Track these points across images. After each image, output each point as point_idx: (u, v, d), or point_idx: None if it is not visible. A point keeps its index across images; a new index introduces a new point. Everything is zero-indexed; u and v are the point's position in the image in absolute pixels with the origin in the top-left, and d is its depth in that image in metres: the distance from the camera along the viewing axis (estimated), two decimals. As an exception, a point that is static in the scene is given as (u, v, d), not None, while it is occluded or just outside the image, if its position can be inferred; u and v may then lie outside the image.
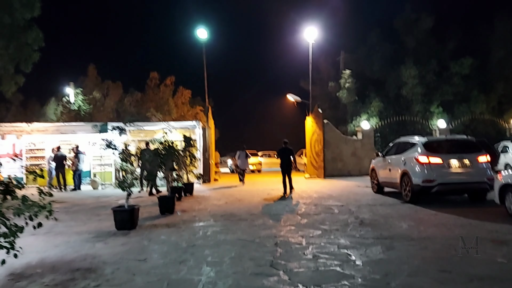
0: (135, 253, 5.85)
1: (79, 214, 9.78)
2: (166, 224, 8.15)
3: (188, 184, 13.66)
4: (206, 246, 6.17)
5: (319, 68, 28.20)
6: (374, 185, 13.43)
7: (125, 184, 7.44)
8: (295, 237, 6.67)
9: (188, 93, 28.54)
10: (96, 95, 24.95)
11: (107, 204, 11.72)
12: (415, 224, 7.79)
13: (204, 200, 12.30)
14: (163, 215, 9.29)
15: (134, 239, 6.81)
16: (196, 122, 17.96)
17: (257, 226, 7.78)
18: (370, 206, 10.19)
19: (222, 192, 14.52)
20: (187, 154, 12.55)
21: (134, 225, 7.66)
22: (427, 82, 24.81)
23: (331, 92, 27.24)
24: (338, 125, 24.43)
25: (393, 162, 11.82)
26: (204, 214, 9.41)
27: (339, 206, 10.26)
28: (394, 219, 8.30)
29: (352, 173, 21.57)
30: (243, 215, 9.07)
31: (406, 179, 10.71)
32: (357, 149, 22.19)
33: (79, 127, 17.15)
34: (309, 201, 11.50)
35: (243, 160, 18.65)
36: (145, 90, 27.55)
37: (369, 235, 6.80)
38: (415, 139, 11.23)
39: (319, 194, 13.24)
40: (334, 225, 7.68)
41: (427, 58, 25.01)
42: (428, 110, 24.86)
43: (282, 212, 9.47)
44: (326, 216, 8.73)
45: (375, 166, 13.32)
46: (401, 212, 9.22)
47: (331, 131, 21.58)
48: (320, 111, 20.68)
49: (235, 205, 10.93)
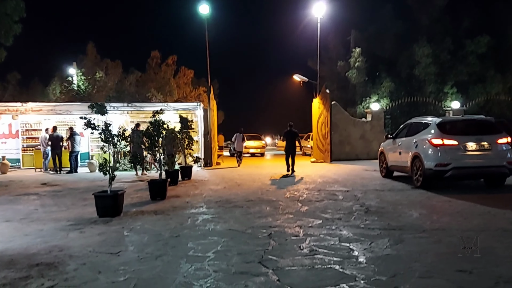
0: (109, 245, 5.20)
1: (65, 199, 9.18)
2: (154, 210, 7.49)
3: (186, 167, 13.02)
4: (191, 238, 5.50)
5: (328, 47, 27.09)
6: (382, 169, 12.64)
7: (107, 168, 6.76)
8: (292, 227, 5.96)
9: (190, 73, 27.60)
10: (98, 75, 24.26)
11: (100, 187, 11.13)
12: (427, 212, 7.03)
13: (201, 184, 11.64)
14: (154, 200, 8.65)
15: (114, 228, 6.17)
16: (197, 103, 17.21)
17: (252, 214, 7.08)
18: (377, 192, 9.43)
19: (222, 176, 13.85)
20: (183, 136, 11.89)
21: (118, 212, 7.02)
22: (441, 61, 23.61)
23: (340, 72, 26.17)
24: (346, 107, 23.52)
25: (404, 144, 10.99)
26: (198, 200, 8.75)
27: (344, 192, 9.52)
28: (403, 206, 7.55)
29: (360, 156, 20.75)
30: (239, 202, 8.38)
31: (418, 163, 9.91)
32: (366, 131, 21.31)
33: (74, 107, 16.48)
34: (312, 186, 10.77)
35: (240, 143, 19.20)
36: (146, 70, 26.76)
37: (375, 225, 6.06)
38: (429, 120, 10.37)
39: (324, 178, 12.49)
40: (337, 214, 6.95)
41: (441, 36, 23.74)
42: (441, 91, 23.75)
43: (282, 198, 8.76)
44: (329, 203, 8.00)
45: (384, 149, 12.50)
46: (411, 198, 8.46)
47: (339, 113, 20.69)
48: (328, 92, 19.74)
49: (233, 190, 10.25)
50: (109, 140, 6.93)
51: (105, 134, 6.89)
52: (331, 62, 26.82)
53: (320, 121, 20.66)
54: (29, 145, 17.83)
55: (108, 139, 6.90)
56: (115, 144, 7.09)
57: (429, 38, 23.61)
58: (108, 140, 6.92)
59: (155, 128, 8.56)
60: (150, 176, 12.03)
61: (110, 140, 6.94)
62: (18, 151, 17.97)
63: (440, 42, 23.71)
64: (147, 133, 8.58)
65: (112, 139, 7.00)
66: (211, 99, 18.76)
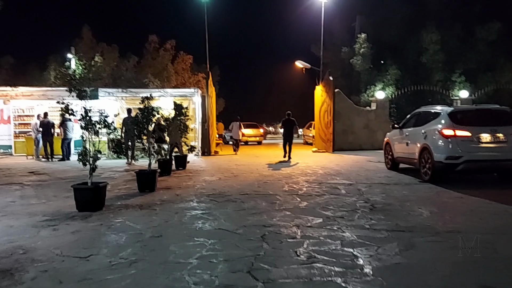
0: (81, 246, 4.60)
1: (49, 189, 8.59)
2: (140, 204, 6.89)
3: (180, 157, 12.40)
4: (175, 238, 4.89)
5: (332, 32, 26.11)
6: (388, 160, 11.99)
7: (87, 158, 6.14)
8: (288, 227, 5.34)
9: (189, 59, 26.71)
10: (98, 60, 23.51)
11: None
12: (438, 210, 6.40)
13: (196, 175, 11.03)
14: (142, 193, 8.04)
15: (92, 225, 5.56)
16: (194, 90, 16.51)
17: (245, 210, 6.47)
18: (383, 186, 8.80)
19: (218, 166, 13.23)
20: (177, 123, 11.25)
21: (100, 206, 6.42)
22: (449, 48, 22.70)
23: (344, 59, 25.28)
24: (350, 95, 22.73)
25: (412, 135, 10.32)
26: (189, 192, 8.13)
27: (347, 185, 8.89)
28: (412, 203, 6.92)
29: (364, 147, 20.10)
30: (233, 195, 7.77)
31: (426, 155, 9.26)
32: (371, 121, 20.62)
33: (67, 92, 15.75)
34: (313, 178, 10.14)
35: (236, 131, 19.38)
36: (144, 55, 25.92)
37: (382, 225, 5.44)
38: (439, 109, 9.67)
39: (325, 170, 11.86)
40: (339, 211, 6.32)
41: (450, 22, 22.80)
42: (449, 79, 22.90)
43: (280, 192, 8.14)
44: (331, 198, 7.37)
45: (390, 139, 11.83)
46: (420, 194, 7.82)
47: (343, 101, 19.97)
48: (331, 79, 18.99)
49: (228, 182, 9.63)
50: (89, 128, 6.29)
51: (85, 120, 6.25)
52: (335, 48, 25.92)
53: (323, 110, 19.96)
54: (21, 131, 17.25)
55: (87, 126, 6.26)
56: (96, 131, 6.46)
57: (437, 24, 22.68)
58: (88, 128, 6.28)
59: (144, 115, 7.91)
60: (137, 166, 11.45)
61: (90, 127, 6.30)
62: (10, 137, 17.38)
63: (449, 28, 22.78)
64: (135, 120, 7.93)
65: (93, 126, 6.35)
66: (209, 85, 18.06)
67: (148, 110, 7.94)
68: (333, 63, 25.41)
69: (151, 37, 25.73)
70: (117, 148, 6.75)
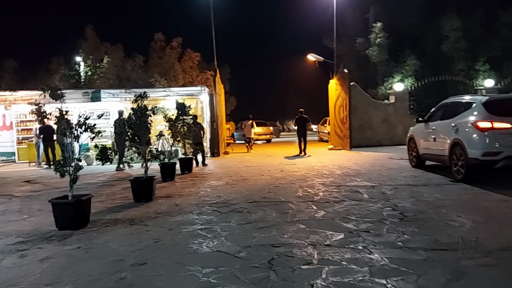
0: (44, 280, 3.72)
1: (37, 202, 7.78)
2: (131, 219, 6.00)
3: (186, 159, 11.53)
4: (161, 267, 3.97)
5: (346, 23, 24.91)
6: (412, 157, 10.88)
7: (64, 168, 5.27)
8: (302, 247, 4.37)
9: (196, 56, 25.78)
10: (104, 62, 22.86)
11: (85, 186, 9.78)
12: (482, 219, 5.34)
13: (201, 179, 10.13)
14: (138, 203, 7.17)
15: (68, 248, 4.69)
16: (201, 88, 15.61)
17: (252, 223, 5.51)
18: (410, 188, 7.74)
19: (227, 169, 12.31)
20: (180, 124, 10.37)
21: (84, 223, 5.55)
22: (471, 35, 21.29)
23: (359, 50, 24.04)
24: (367, 88, 21.56)
25: (440, 129, 9.21)
26: (190, 201, 7.22)
27: (369, 188, 7.85)
28: (448, 209, 5.86)
29: (383, 142, 18.95)
30: (239, 203, 6.82)
31: (459, 151, 8.15)
32: (389, 114, 19.44)
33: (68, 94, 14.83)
34: (330, 180, 9.13)
35: (249, 129, 19.67)
36: (149, 54, 25.10)
37: (418, 241, 4.42)
38: (471, 98, 8.55)
39: (343, 170, 10.82)
40: (363, 222, 5.32)
41: (472, 7, 21.38)
42: (472, 68, 21.49)
43: (293, 198, 7.16)
44: (352, 205, 6.36)
45: (415, 134, 10.71)
46: (455, 197, 6.75)
47: (359, 94, 18.84)
48: (346, 71, 17.87)
49: (236, 187, 8.69)
50: (66, 132, 5.42)
51: (61, 124, 5.39)
52: (349, 40, 24.69)
53: (338, 104, 18.84)
54: (25, 137, 16.60)
55: (63, 130, 5.39)
56: (77, 136, 5.59)
57: (458, 9, 21.28)
58: (65, 132, 5.41)
59: (137, 116, 7.03)
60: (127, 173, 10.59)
61: (67, 132, 5.43)
62: (13, 144, 16.78)
63: (471, 14, 21.36)
64: (128, 123, 7.06)
65: (72, 130, 5.48)
66: (217, 82, 17.14)
67: (141, 110, 7.05)
68: (347, 55, 24.23)
69: (156, 35, 24.95)
70: (101, 154, 5.87)
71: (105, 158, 5.80)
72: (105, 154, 5.79)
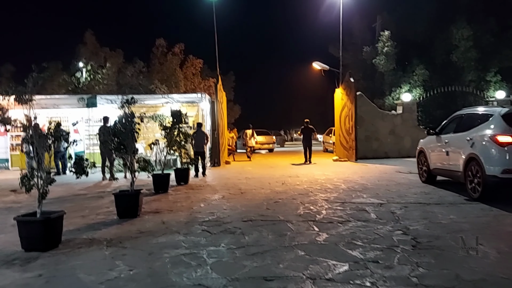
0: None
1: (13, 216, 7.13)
2: (110, 239, 5.35)
3: (182, 170, 10.90)
4: (129, 304, 3.31)
5: (352, 31, 24.36)
6: (422, 172, 10.19)
7: (31, 181, 4.66)
8: (299, 282, 3.70)
9: (199, 63, 25.30)
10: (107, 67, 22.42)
11: (71, 198, 9.21)
12: (508, 248, 4.66)
13: (196, 192, 9.48)
14: (121, 219, 6.52)
15: (27, 276, 4.05)
16: (202, 95, 15.05)
17: (245, 247, 4.85)
18: (422, 207, 7.05)
19: (226, 180, 11.66)
20: (175, 133, 9.77)
21: (54, 243, 4.92)
22: (483, 45, 20.62)
23: (365, 59, 23.43)
24: (373, 98, 20.89)
25: (453, 142, 8.54)
26: (179, 218, 6.57)
27: (377, 206, 7.17)
28: (467, 234, 5.17)
29: (390, 154, 18.22)
30: (233, 222, 6.16)
31: (475, 168, 7.47)
32: (396, 126, 18.73)
33: (62, 100, 14.65)
34: (334, 195, 8.45)
35: (249, 138, 19.97)
36: (151, 60, 24.64)
37: (436, 277, 3.75)
38: (489, 110, 7.89)
39: (348, 184, 10.14)
40: (371, 249, 4.64)
41: (483, 16, 20.75)
42: (483, 79, 20.79)
43: (293, 216, 6.49)
44: (358, 227, 5.68)
45: (425, 147, 10.03)
46: (473, 219, 6.06)
47: (365, 104, 18.18)
48: (352, 81, 17.25)
49: (232, 202, 8.03)
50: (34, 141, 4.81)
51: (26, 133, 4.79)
52: (355, 48, 24.11)
53: (344, 114, 18.20)
54: (19, 144, 16.07)
55: (31, 139, 4.79)
56: (49, 146, 4.98)
57: (468, 18, 20.65)
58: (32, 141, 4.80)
59: (123, 124, 6.43)
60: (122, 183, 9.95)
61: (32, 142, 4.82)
62: (7, 150, 16.27)
63: (482, 23, 20.71)
64: (113, 130, 6.46)
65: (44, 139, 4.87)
66: (219, 90, 16.58)
67: (127, 117, 6.45)
68: (353, 64, 23.62)
69: (158, 40, 24.47)
70: (76, 166, 5.25)
71: (81, 170, 5.17)
72: (80, 166, 5.17)
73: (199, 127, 12.52)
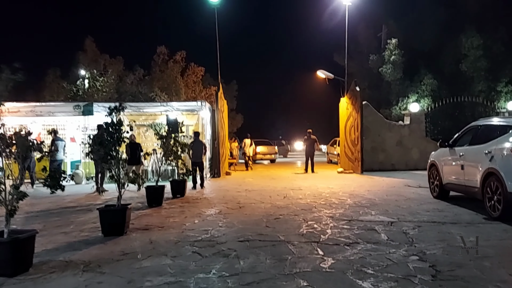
0: None
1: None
2: (88, 261, 4.75)
3: (178, 181, 10.32)
4: None
5: (358, 40, 23.86)
6: (434, 187, 9.54)
7: None
8: (301, 325, 3.08)
9: (200, 71, 24.86)
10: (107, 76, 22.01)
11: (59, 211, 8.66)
12: (543, 280, 4.00)
13: (192, 206, 8.87)
14: (107, 237, 5.93)
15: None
16: (202, 103, 14.51)
17: (238, 274, 4.24)
18: (437, 227, 6.41)
19: (224, 193, 11.07)
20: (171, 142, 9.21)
21: (24, 267, 4.33)
22: (493, 54, 20.03)
23: (372, 68, 22.88)
24: (380, 108, 20.31)
25: (469, 155, 7.90)
26: (169, 237, 5.96)
27: (387, 225, 6.54)
28: (493, 262, 4.54)
29: (397, 167, 17.56)
30: (228, 243, 5.55)
31: (494, 184, 6.83)
32: (404, 137, 18.09)
33: (57, 107, 14.12)
34: (339, 211, 7.82)
35: (248, 148, 20.16)
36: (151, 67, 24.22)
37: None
38: (510, 121, 7.26)
39: (355, 198, 9.51)
40: (384, 279, 4.02)
41: (493, 25, 20.19)
42: (493, 90, 20.17)
43: (294, 236, 5.88)
44: (368, 251, 5.05)
45: (437, 160, 9.40)
46: (496, 242, 5.42)
47: (371, 114, 17.58)
48: (358, 90, 16.69)
49: (229, 217, 7.42)
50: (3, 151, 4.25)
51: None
52: (361, 57, 23.59)
53: (349, 124, 17.60)
54: (13, 152, 15.56)
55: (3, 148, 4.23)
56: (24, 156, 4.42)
57: (478, 27, 20.10)
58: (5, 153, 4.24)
59: (109, 132, 5.87)
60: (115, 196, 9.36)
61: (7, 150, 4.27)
62: (1, 159, 15.72)
63: (492, 32, 20.16)
64: (98, 139, 5.91)
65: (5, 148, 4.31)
66: (220, 98, 16.06)
67: (114, 125, 5.90)
68: (359, 73, 23.08)
69: (159, 48, 24.09)
70: (50, 179, 4.68)
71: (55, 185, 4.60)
72: (55, 180, 4.60)
73: (197, 136, 11.95)
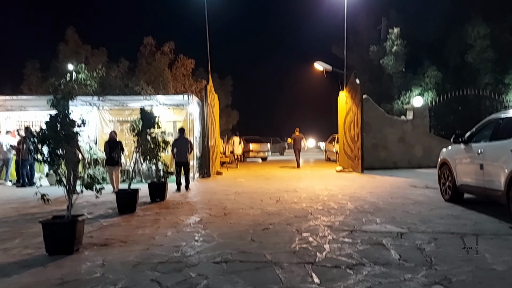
0: None
1: None
2: (9, 297, 3.62)
3: (158, 184, 9.16)
4: None
5: (357, 30, 22.70)
6: (445, 188, 8.43)
7: None
8: None
9: (190, 63, 23.60)
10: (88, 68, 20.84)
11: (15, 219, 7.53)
12: None
13: (170, 213, 7.72)
14: (51, 256, 4.79)
15: None
16: (189, 96, 13.33)
17: (202, 320, 3.10)
18: (457, 240, 5.28)
19: (211, 195, 9.94)
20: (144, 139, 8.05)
21: None
22: (501, 45, 18.88)
23: (372, 60, 21.71)
24: (381, 102, 19.19)
25: (490, 153, 6.79)
26: (129, 257, 4.80)
27: (397, 238, 5.41)
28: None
29: (399, 165, 16.50)
30: (200, 266, 4.41)
31: (523, 187, 5.71)
32: (406, 133, 17.01)
33: (29, 101, 12.96)
34: (339, 219, 6.69)
35: (236, 146, 20.65)
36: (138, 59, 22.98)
37: None
38: (541, 112, 6.15)
39: (356, 202, 8.39)
40: (403, 328, 2.88)
41: (501, 14, 19.03)
42: (501, 82, 19.02)
43: (284, 254, 4.74)
44: (376, 276, 3.92)
45: (450, 159, 8.27)
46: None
47: (372, 109, 16.49)
48: (358, 82, 15.56)
49: (210, 228, 6.27)
50: None
51: None
52: (361, 49, 22.41)
53: (348, 120, 16.49)
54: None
55: None
56: None
57: (485, 16, 18.94)
58: None
59: (52, 128, 4.73)
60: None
61: None
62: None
63: (499, 21, 18.99)
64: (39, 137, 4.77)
65: None
66: (210, 91, 14.89)
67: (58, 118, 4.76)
68: (359, 66, 21.90)
69: (146, 39, 22.79)
70: None
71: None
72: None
73: (182, 133, 10.80)
